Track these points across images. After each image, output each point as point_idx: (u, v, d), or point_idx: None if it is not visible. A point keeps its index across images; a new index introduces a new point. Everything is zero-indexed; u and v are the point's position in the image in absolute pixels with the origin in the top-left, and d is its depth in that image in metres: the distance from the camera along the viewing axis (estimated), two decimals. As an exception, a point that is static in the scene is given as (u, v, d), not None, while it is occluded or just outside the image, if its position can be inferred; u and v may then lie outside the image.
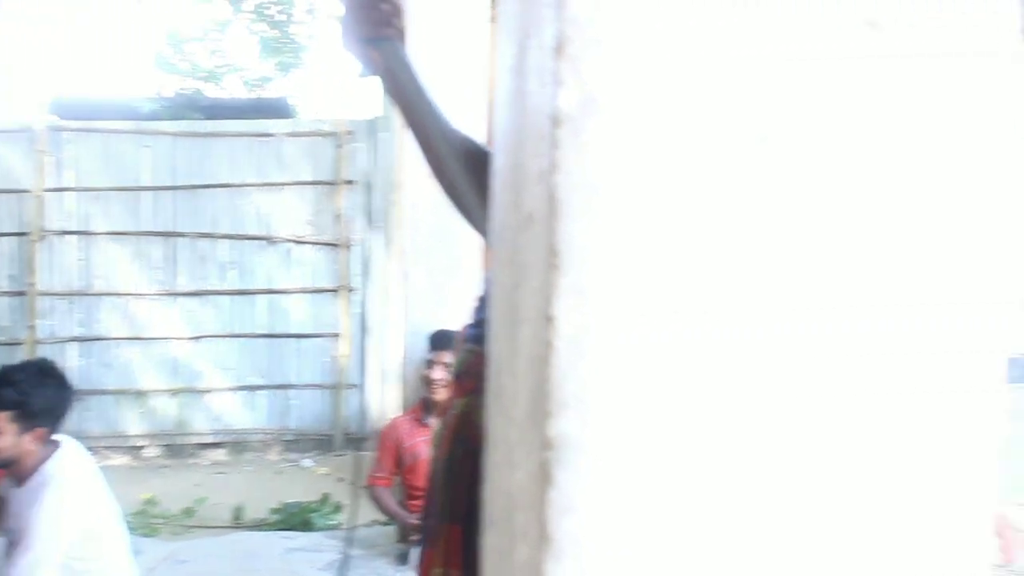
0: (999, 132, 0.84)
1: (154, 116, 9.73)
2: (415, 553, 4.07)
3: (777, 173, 0.81)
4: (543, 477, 0.78)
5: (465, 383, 1.75)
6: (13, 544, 3.10)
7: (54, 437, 3.18)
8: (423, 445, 4.63)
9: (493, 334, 1.04)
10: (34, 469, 3.08)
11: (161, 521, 6.15)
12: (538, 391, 0.80)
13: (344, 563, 3.95)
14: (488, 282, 1.40)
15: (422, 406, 4.80)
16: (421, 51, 5.06)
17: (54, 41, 16.95)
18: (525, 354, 0.86)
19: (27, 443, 3.06)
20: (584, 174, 0.79)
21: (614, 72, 0.80)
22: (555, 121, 0.80)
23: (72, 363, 8.21)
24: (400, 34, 1.80)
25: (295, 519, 5.88)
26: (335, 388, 8.37)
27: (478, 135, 1.86)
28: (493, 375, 1.03)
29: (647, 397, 0.79)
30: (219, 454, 8.37)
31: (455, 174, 1.75)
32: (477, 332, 1.68)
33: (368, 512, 5.28)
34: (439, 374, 4.58)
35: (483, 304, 1.71)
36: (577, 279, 0.78)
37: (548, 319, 0.79)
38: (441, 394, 4.55)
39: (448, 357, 4.59)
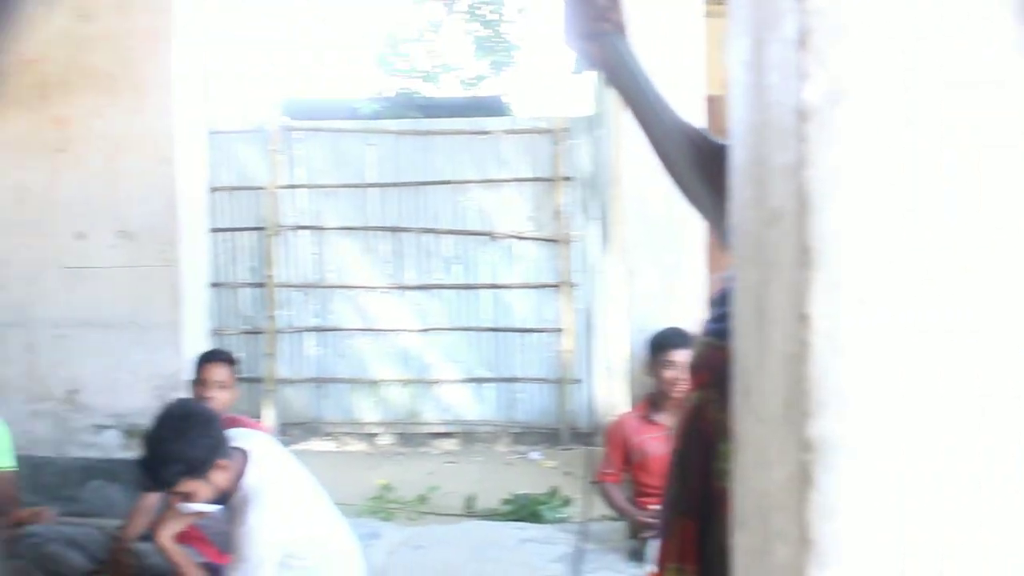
0: None
1: (376, 115, 10.10)
2: (649, 548, 4.07)
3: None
4: (803, 479, 0.77)
5: (700, 376, 1.73)
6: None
7: (236, 446, 3.30)
8: (651, 442, 4.62)
9: (738, 332, 1.02)
10: (234, 486, 3.24)
11: (397, 507, 6.37)
12: (794, 391, 0.79)
13: (578, 556, 3.97)
14: (729, 278, 1.38)
15: (649, 403, 4.77)
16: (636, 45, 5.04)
17: (283, 45, 17.78)
18: (777, 352, 0.84)
19: (218, 479, 3.19)
20: (834, 168, 0.77)
21: (859, 62, 0.78)
22: (801, 115, 0.78)
23: (309, 352, 8.70)
24: (620, 28, 1.79)
25: (525, 511, 5.96)
26: (560, 383, 8.45)
27: (702, 128, 1.84)
28: (740, 373, 1.01)
29: (908, 395, 0.77)
30: (450, 444, 8.59)
31: (684, 168, 1.73)
32: (716, 327, 1.66)
33: (598, 507, 5.32)
34: (673, 372, 4.54)
35: (722, 299, 1.69)
36: (831, 275, 0.76)
37: (802, 317, 0.77)
38: (678, 392, 4.53)
39: (680, 355, 4.56)
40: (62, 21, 5.09)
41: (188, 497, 3.16)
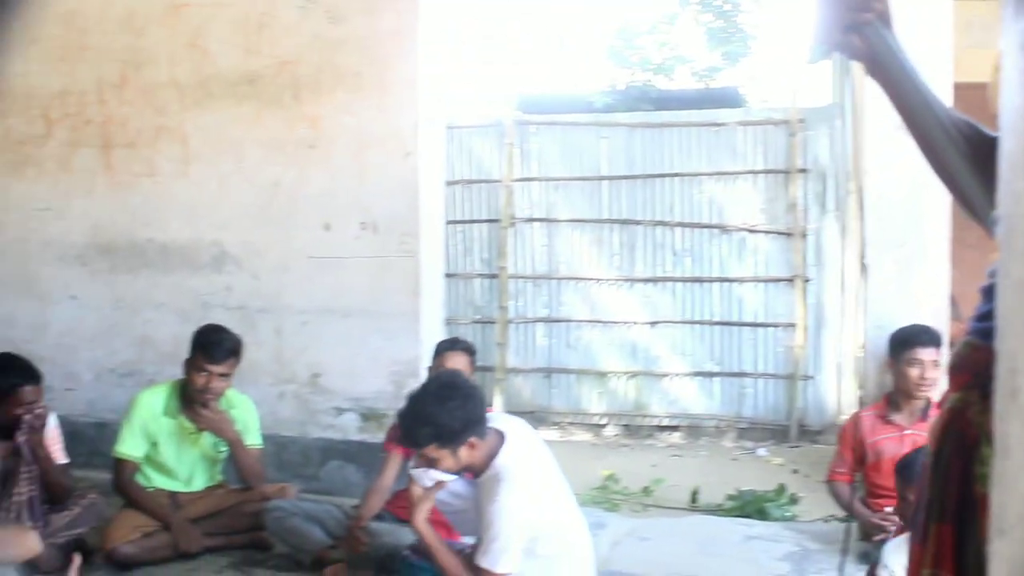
0: None
1: (608, 108, 10.16)
2: (881, 551, 3.93)
3: None
4: (1078, 485, 0.73)
5: (960, 377, 1.67)
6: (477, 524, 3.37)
7: (494, 426, 3.34)
8: (887, 442, 4.45)
9: (1003, 330, 0.98)
10: (486, 464, 3.28)
11: (621, 497, 6.39)
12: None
13: (842, 563, 3.81)
14: (995, 274, 1.32)
15: (887, 402, 4.59)
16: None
17: (518, 40, 18.10)
18: (1050, 353, 0.80)
19: (464, 455, 3.24)
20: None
21: None
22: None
23: (539, 342, 8.86)
24: (885, 17, 1.74)
25: (751, 507, 5.86)
26: (790, 379, 8.26)
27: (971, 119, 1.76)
28: (1005, 374, 0.97)
29: None
30: (675, 437, 8.56)
31: (953, 160, 1.66)
32: (979, 326, 1.59)
33: (827, 507, 5.19)
34: (918, 371, 4.36)
35: (988, 296, 1.61)
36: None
37: (1082, 316, 0.73)
38: (922, 392, 4.36)
39: (926, 354, 4.37)
40: (314, 25, 5.35)
41: (432, 463, 3.24)
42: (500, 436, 3.30)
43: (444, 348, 4.38)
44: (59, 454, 4.33)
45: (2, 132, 6.04)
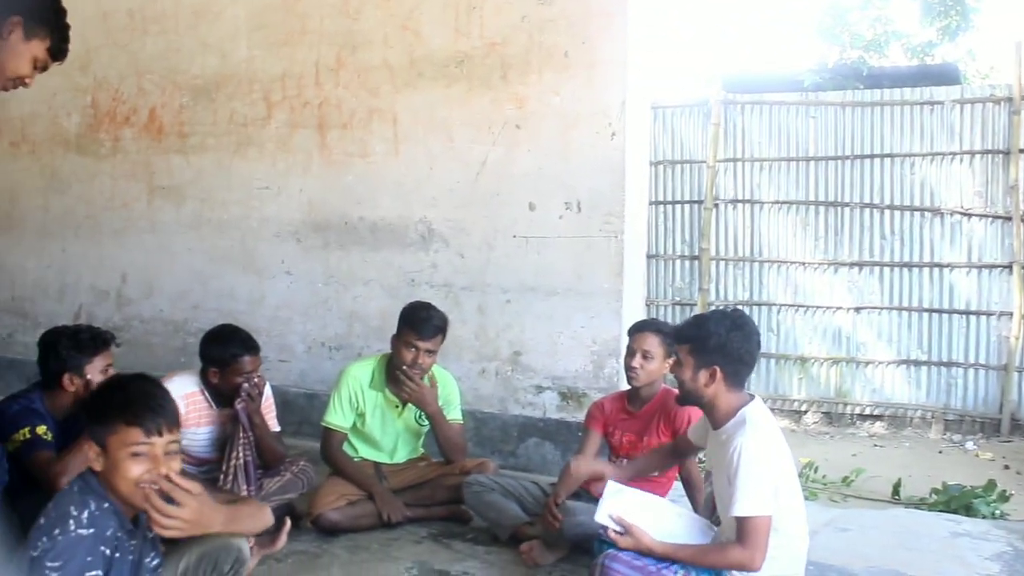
0: None
1: (818, 87, 9.88)
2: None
3: None
4: None
5: None
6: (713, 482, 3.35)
7: (746, 392, 3.30)
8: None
9: None
10: (731, 413, 3.25)
11: (820, 486, 6.29)
12: None
13: None
14: None
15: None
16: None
17: (724, 17, 17.83)
18: None
19: (703, 380, 3.22)
20: None
21: None
22: None
23: (740, 325, 8.76)
24: None
25: (956, 503, 5.67)
26: (1003, 370, 7.91)
27: None
28: None
29: None
30: (877, 427, 8.34)
31: None
32: None
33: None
34: None
35: None
36: None
37: None
38: None
39: None
40: (523, 5, 5.40)
41: (678, 368, 3.25)
42: (751, 397, 3.27)
43: (635, 329, 4.34)
44: (273, 422, 4.54)
45: (227, 115, 6.39)
